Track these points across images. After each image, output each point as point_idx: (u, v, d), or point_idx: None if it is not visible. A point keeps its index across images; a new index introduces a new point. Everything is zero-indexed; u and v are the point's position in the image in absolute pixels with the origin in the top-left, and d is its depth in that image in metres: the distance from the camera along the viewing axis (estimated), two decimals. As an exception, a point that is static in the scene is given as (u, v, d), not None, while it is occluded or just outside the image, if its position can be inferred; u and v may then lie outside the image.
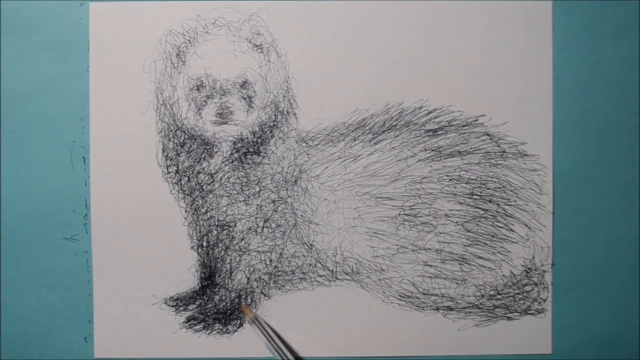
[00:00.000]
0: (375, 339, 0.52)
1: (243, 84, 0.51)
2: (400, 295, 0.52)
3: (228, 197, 0.52)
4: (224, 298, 0.53)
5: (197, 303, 0.52)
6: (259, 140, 0.52)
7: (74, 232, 0.52)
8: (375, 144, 0.52)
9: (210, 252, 0.52)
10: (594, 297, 0.52)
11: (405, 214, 0.52)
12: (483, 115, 0.52)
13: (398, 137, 0.52)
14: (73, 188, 0.52)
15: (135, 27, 0.52)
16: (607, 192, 0.52)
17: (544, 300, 0.52)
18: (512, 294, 0.52)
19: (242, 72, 0.51)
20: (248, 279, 0.53)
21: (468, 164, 0.52)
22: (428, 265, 0.52)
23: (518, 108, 0.52)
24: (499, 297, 0.52)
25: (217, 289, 0.53)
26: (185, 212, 0.52)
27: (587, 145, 0.52)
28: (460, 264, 0.52)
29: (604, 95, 0.52)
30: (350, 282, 0.52)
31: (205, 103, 0.51)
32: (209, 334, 0.52)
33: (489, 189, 0.52)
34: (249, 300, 0.52)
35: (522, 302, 0.52)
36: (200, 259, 0.52)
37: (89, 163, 0.52)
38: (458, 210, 0.52)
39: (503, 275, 0.52)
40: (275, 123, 0.52)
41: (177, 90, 0.51)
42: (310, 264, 0.52)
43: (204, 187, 0.52)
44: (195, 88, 0.51)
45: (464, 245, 0.52)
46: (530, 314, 0.52)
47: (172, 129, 0.52)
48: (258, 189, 0.52)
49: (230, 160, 0.52)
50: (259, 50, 0.51)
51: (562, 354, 0.52)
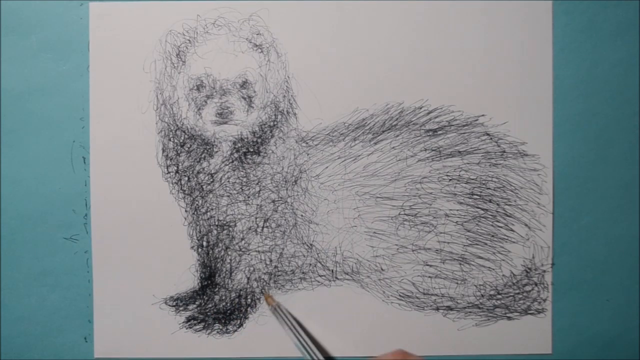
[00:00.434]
0: (375, 339, 0.52)
1: (243, 84, 0.51)
2: (400, 295, 0.52)
3: (228, 197, 0.52)
4: (224, 298, 0.53)
5: (197, 303, 0.52)
6: (259, 140, 0.52)
7: (74, 232, 0.52)
8: (375, 144, 0.52)
9: (210, 252, 0.52)
10: (594, 297, 0.52)
11: (405, 214, 0.52)
12: (483, 115, 0.52)
13: (398, 137, 0.52)
14: (73, 188, 0.52)
15: (135, 27, 0.52)
16: (607, 192, 0.52)
17: (544, 300, 0.52)
18: (512, 294, 0.52)
19: (242, 72, 0.51)
20: (248, 279, 0.53)
21: (468, 164, 0.52)
22: (428, 265, 0.52)
23: (518, 108, 0.52)
24: (499, 297, 0.52)
25: (217, 289, 0.53)
26: (185, 212, 0.52)
27: (587, 145, 0.52)
28: (460, 264, 0.52)
29: (604, 95, 0.52)
30: (350, 282, 0.52)
31: (205, 103, 0.51)
32: (209, 334, 0.52)
33: (489, 189, 0.52)
34: (249, 300, 0.52)
35: (522, 302, 0.52)
36: (200, 259, 0.52)
37: (89, 163, 0.52)
38: (458, 210, 0.52)
39: (503, 275, 0.52)
40: (275, 123, 0.52)
41: (177, 90, 0.51)
42: (310, 264, 0.52)
43: (204, 187, 0.52)
44: (195, 88, 0.51)
45: (464, 245, 0.52)
46: (530, 314, 0.52)
47: (172, 129, 0.52)
48: (258, 189, 0.52)
49: (230, 160, 0.52)
50: (259, 50, 0.51)
51: (562, 354, 0.52)
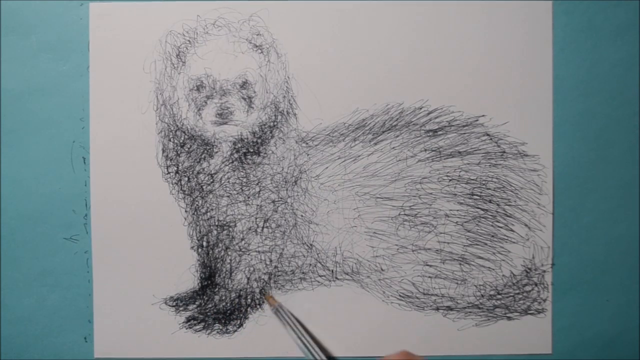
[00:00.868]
0: (375, 339, 0.52)
1: (243, 85, 0.51)
2: (400, 295, 0.52)
3: (228, 197, 0.52)
4: (224, 298, 0.53)
5: (197, 303, 0.52)
6: (259, 141, 0.52)
7: (74, 232, 0.52)
8: (376, 144, 0.52)
9: (210, 252, 0.52)
10: (594, 297, 0.52)
11: (405, 214, 0.52)
12: (483, 116, 0.52)
13: (398, 137, 0.52)
14: (73, 188, 0.52)
15: (135, 27, 0.52)
16: (607, 192, 0.52)
17: (544, 300, 0.52)
18: (512, 294, 0.52)
19: (242, 72, 0.51)
20: (248, 279, 0.53)
21: (468, 164, 0.52)
22: (428, 265, 0.52)
23: (518, 108, 0.52)
24: (499, 297, 0.52)
25: (217, 289, 0.53)
26: (185, 212, 0.52)
27: (587, 145, 0.52)
28: (460, 264, 0.52)
29: (604, 95, 0.52)
30: (350, 282, 0.52)
31: (205, 103, 0.51)
32: (209, 334, 0.52)
33: (489, 189, 0.52)
34: (249, 300, 0.52)
35: (522, 302, 0.52)
36: (200, 259, 0.52)
37: (89, 163, 0.52)
38: (458, 210, 0.52)
39: (503, 275, 0.52)
40: (275, 123, 0.52)
41: (177, 91, 0.51)
42: (310, 264, 0.52)
43: (204, 187, 0.52)
44: (195, 88, 0.51)
45: (464, 245, 0.52)
46: (530, 314, 0.52)
47: (172, 129, 0.52)
48: (258, 189, 0.52)
49: (230, 161, 0.52)
50: (259, 51, 0.51)
51: (562, 354, 0.52)
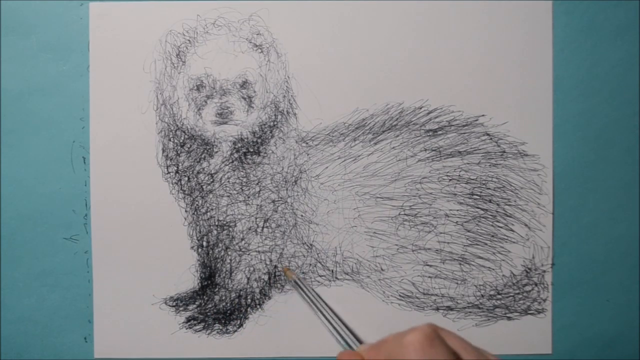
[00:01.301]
0: (375, 339, 0.52)
1: (243, 84, 0.51)
2: (400, 295, 0.52)
3: (228, 197, 0.52)
4: (224, 298, 0.53)
5: (197, 303, 0.52)
6: (259, 140, 0.52)
7: (74, 232, 0.52)
8: (375, 144, 0.52)
9: (210, 252, 0.52)
10: (594, 297, 0.52)
11: (405, 214, 0.52)
12: (483, 115, 0.52)
13: (398, 137, 0.52)
14: (73, 188, 0.52)
15: (135, 27, 0.52)
16: (607, 192, 0.52)
17: (544, 300, 0.52)
18: (512, 294, 0.52)
19: (242, 72, 0.51)
20: (248, 279, 0.53)
21: (468, 164, 0.52)
22: (428, 265, 0.52)
23: (518, 108, 0.52)
24: (499, 297, 0.52)
25: (217, 289, 0.53)
26: (185, 212, 0.52)
27: (587, 145, 0.52)
28: (460, 264, 0.52)
29: (604, 95, 0.52)
30: (350, 282, 0.52)
31: (205, 103, 0.51)
32: (209, 334, 0.52)
33: (489, 189, 0.52)
34: (249, 300, 0.52)
35: (522, 302, 0.52)
36: (200, 259, 0.52)
37: (89, 163, 0.52)
38: (458, 210, 0.52)
39: (503, 275, 0.52)
40: (275, 123, 0.52)
41: (177, 90, 0.51)
42: (310, 264, 0.52)
43: (204, 187, 0.52)
44: (195, 88, 0.51)
45: (464, 245, 0.52)
46: (530, 314, 0.52)
47: (172, 129, 0.52)
48: (258, 189, 0.52)
49: (230, 160, 0.52)
50: (259, 50, 0.51)
51: (562, 354, 0.52)
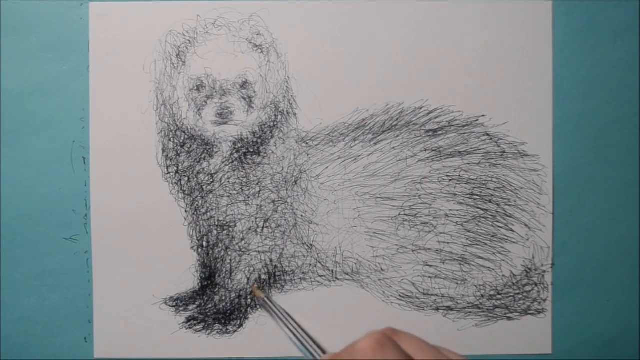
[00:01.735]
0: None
1: (243, 84, 0.51)
2: (400, 295, 0.52)
3: (228, 197, 0.52)
4: (224, 298, 0.53)
5: (197, 303, 0.52)
6: (259, 141, 0.52)
7: (74, 232, 0.52)
8: (375, 144, 0.52)
9: (210, 252, 0.52)
10: (594, 297, 0.52)
11: (405, 214, 0.52)
12: (483, 115, 0.52)
13: (398, 137, 0.52)
14: (73, 188, 0.52)
15: (135, 27, 0.52)
16: (607, 192, 0.52)
17: (544, 300, 0.52)
18: (512, 294, 0.52)
19: (242, 72, 0.51)
20: (248, 279, 0.53)
21: (468, 164, 0.52)
22: (428, 265, 0.52)
23: (518, 108, 0.52)
24: (499, 297, 0.52)
25: (217, 289, 0.53)
26: (185, 212, 0.52)
27: (587, 145, 0.52)
28: (460, 264, 0.52)
29: (604, 95, 0.52)
30: (350, 282, 0.52)
31: (205, 103, 0.51)
32: (209, 334, 0.52)
33: (489, 189, 0.52)
34: (249, 300, 0.52)
35: (522, 302, 0.52)
36: (200, 259, 0.52)
37: (89, 163, 0.52)
38: (458, 210, 0.52)
39: (503, 275, 0.52)
40: (275, 123, 0.52)
41: (177, 91, 0.51)
42: (310, 264, 0.52)
43: (204, 187, 0.52)
44: (195, 88, 0.51)
45: (464, 245, 0.52)
46: (530, 314, 0.52)
47: (172, 129, 0.52)
48: (258, 189, 0.52)
49: (230, 161, 0.52)
50: (259, 51, 0.51)
51: (562, 354, 0.52)
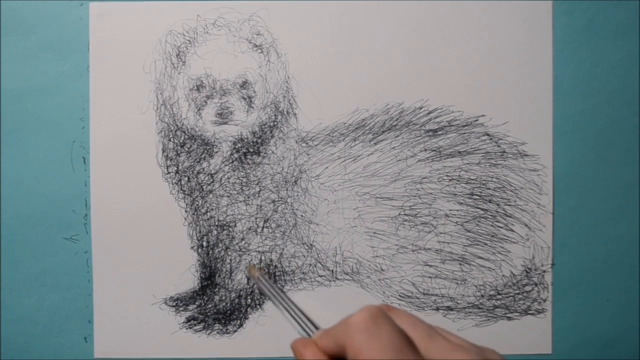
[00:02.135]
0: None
1: (243, 84, 0.51)
2: (400, 295, 0.52)
3: (228, 197, 0.52)
4: (224, 298, 0.53)
5: (197, 303, 0.52)
6: (259, 141, 0.52)
7: (74, 232, 0.52)
8: (375, 144, 0.52)
9: (210, 252, 0.52)
10: (594, 297, 0.52)
11: (405, 214, 0.52)
12: (483, 115, 0.52)
13: (398, 137, 0.52)
14: (73, 188, 0.52)
15: (135, 27, 0.52)
16: (607, 192, 0.52)
17: (544, 300, 0.52)
18: (512, 294, 0.52)
19: (242, 72, 0.51)
20: (248, 279, 0.53)
21: (468, 164, 0.52)
22: (428, 265, 0.52)
23: (518, 108, 0.52)
24: (499, 297, 0.52)
25: (217, 289, 0.53)
26: (185, 212, 0.52)
27: (587, 145, 0.52)
28: (460, 264, 0.52)
29: (604, 95, 0.52)
30: (350, 282, 0.52)
31: (205, 103, 0.51)
32: (209, 334, 0.52)
33: (489, 189, 0.52)
34: (249, 300, 0.52)
35: (522, 302, 0.52)
36: (200, 259, 0.52)
37: (89, 163, 0.52)
38: (458, 210, 0.52)
39: (503, 275, 0.52)
40: (275, 123, 0.52)
41: (177, 91, 0.51)
42: (310, 264, 0.52)
43: (204, 187, 0.52)
44: (195, 88, 0.51)
45: (464, 245, 0.52)
46: (530, 314, 0.52)
47: (172, 129, 0.52)
48: (258, 189, 0.52)
49: (230, 161, 0.52)
50: (259, 51, 0.51)
51: (562, 354, 0.52)
